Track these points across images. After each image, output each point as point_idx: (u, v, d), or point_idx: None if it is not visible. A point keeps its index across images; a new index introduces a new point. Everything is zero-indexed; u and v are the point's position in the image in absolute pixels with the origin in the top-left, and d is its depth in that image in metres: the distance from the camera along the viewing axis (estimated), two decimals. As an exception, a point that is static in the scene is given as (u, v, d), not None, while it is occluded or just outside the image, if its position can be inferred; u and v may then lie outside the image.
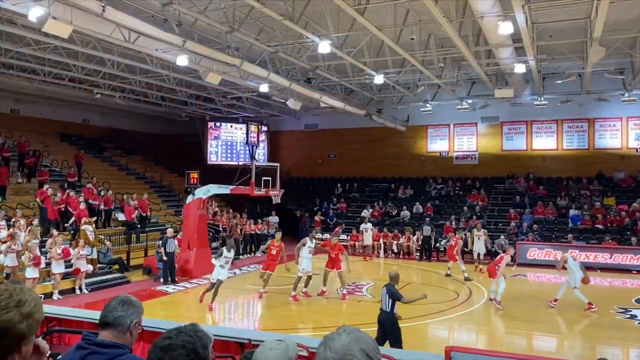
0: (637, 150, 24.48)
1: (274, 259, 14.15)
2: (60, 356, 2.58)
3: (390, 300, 8.50)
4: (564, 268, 13.24)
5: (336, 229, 21.01)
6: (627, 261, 19.19)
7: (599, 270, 18.63)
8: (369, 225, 22.97)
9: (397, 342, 8.22)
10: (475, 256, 19.59)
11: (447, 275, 17.64)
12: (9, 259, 13.29)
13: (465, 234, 19.83)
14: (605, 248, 19.78)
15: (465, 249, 19.85)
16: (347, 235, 23.54)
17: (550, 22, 14.16)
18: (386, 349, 6.31)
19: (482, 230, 20.13)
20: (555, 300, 13.05)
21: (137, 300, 2.54)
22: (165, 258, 15.88)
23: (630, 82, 20.11)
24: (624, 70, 20.68)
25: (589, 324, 12.00)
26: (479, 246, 19.69)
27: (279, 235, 14.86)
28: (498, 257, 14.22)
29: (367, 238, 22.67)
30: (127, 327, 2.42)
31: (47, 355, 1.98)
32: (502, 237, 21.21)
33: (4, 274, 13.32)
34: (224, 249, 13.22)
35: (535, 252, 20.42)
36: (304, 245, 14.26)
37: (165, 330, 2.09)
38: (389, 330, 8.43)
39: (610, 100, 23.02)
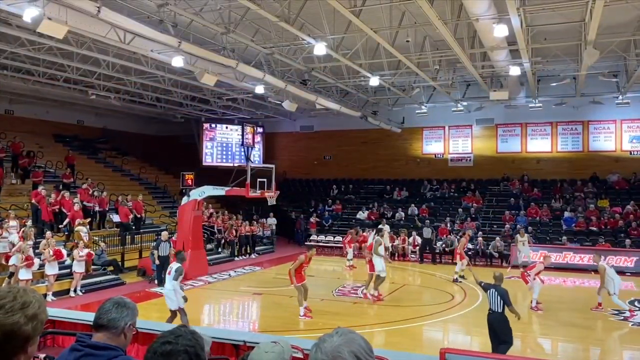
0: (630, 153, 24.61)
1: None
2: (54, 358, 2.57)
3: (502, 301, 8.66)
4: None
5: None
6: (621, 263, 19.25)
7: (592, 272, 18.68)
8: (387, 227, 22.44)
9: (509, 342, 8.52)
10: (520, 261, 19.07)
11: (458, 279, 16.85)
12: (15, 258, 13.35)
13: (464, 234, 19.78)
14: (599, 250, 19.83)
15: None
16: (339, 236, 23.52)
17: (545, 25, 14.23)
18: (381, 350, 6.29)
19: (526, 235, 19.72)
20: (599, 304, 13.04)
21: (132, 302, 2.53)
22: (157, 262, 15.77)
23: (624, 85, 20.22)
24: (618, 73, 20.80)
25: (583, 326, 12.03)
26: (526, 251, 19.27)
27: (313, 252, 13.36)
28: (531, 264, 14.36)
29: (385, 240, 22.21)
30: (122, 329, 2.41)
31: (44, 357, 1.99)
32: (497, 239, 21.26)
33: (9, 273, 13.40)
34: (178, 265, 10.64)
35: (530, 254, 20.44)
36: (379, 245, 14.15)
37: (160, 333, 2.08)
38: (501, 330, 8.58)
39: (605, 102, 23.15)
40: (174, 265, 10.61)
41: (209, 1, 12.75)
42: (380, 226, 19.57)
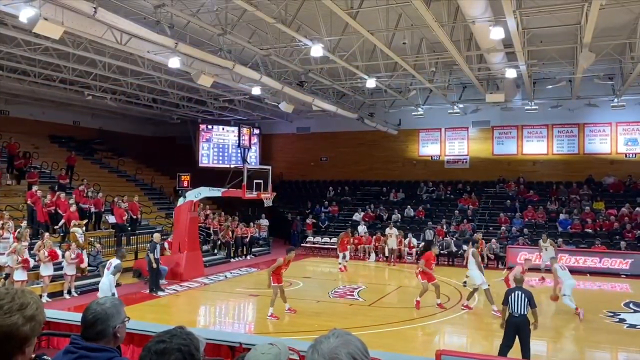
0: (626, 156, 24.71)
1: None
2: (43, 355, 2.55)
3: (529, 304, 8.53)
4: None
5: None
6: (616, 265, 19.33)
7: (588, 275, 18.75)
8: (394, 230, 22.30)
9: (528, 344, 8.48)
10: (543, 266, 18.23)
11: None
12: (11, 259, 13.31)
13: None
14: (595, 252, 19.92)
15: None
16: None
17: (541, 28, 14.28)
18: (377, 352, 6.28)
19: (549, 240, 18.86)
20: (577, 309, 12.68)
21: (114, 299, 2.50)
22: (155, 265, 15.49)
23: (619, 87, 20.30)
24: (614, 76, 20.88)
25: (578, 328, 12.06)
26: (547, 257, 18.07)
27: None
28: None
29: (392, 242, 22.08)
30: (112, 331, 2.40)
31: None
32: (493, 240, 21.31)
33: (4, 275, 13.34)
34: (118, 262, 11.68)
35: (526, 256, 20.48)
36: (476, 256, 13.26)
37: (155, 334, 2.07)
38: (524, 333, 8.46)
39: (600, 105, 23.22)
40: (114, 262, 11.56)
41: (206, 2, 12.76)
42: (475, 235, 18.66)
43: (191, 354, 1.94)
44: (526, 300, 8.55)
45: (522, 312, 8.52)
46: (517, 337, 8.52)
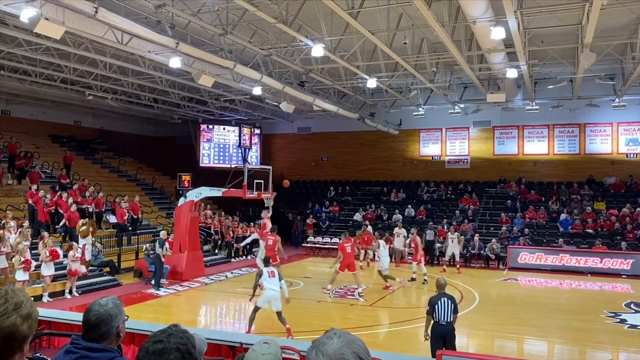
0: (627, 156, 24.68)
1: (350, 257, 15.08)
2: (39, 354, 2.55)
3: (453, 312, 8.03)
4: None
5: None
6: (617, 265, 19.32)
7: (589, 275, 18.75)
8: (403, 230, 22.15)
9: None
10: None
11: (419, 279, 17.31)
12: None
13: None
14: (596, 252, 19.91)
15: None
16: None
17: (542, 28, 14.28)
18: (378, 352, 6.29)
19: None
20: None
21: (115, 299, 2.50)
22: (163, 260, 15.71)
23: (620, 88, 20.30)
24: (615, 76, 20.88)
25: (579, 328, 12.05)
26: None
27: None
28: None
29: (398, 242, 21.89)
30: (115, 331, 2.40)
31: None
32: (493, 240, 21.31)
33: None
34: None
35: (527, 257, 20.52)
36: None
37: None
38: (450, 342, 8.02)
39: (601, 105, 23.20)
40: None
41: (207, 2, 12.76)
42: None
43: (189, 352, 1.94)
44: (452, 308, 8.02)
45: (449, 320, 8.00)
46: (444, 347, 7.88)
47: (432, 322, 8.08)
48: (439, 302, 8.05)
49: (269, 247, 15.46)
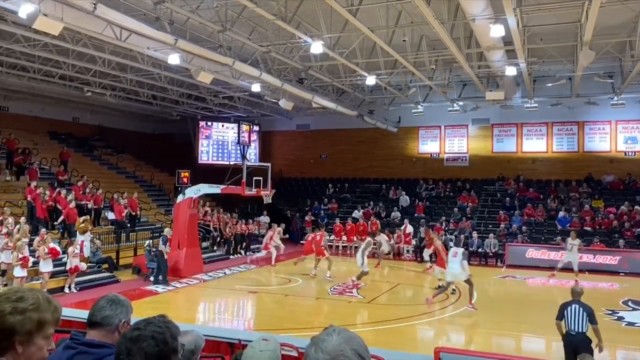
0: (625, 154, 24.72)
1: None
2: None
3: (588, 320, 7.46)
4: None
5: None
6: (615, 263, 19.35)
7: (587, 272, 18.77)
8: (410, 228, 22.34)
9: None
10: (576, 268, 17.48)
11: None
12: (5, 255, 13.33)
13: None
14: (594, 250, 19.93)
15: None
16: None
17: (541, 26, 14.27)
18: (376, 349, 6.30)
19: (578, 239, 17.89)
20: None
21: (126, 299, 2.52)
22: (165, 257, 15.81)
23: (619, 86, 20.31)
24: (613, 75, 20.89)
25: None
26: (571, 257, 17.61)
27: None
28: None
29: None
30: (116, 327, 2.40)
31: None
32: (491, 235, 21.35)
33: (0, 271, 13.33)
34: None
35: (525, 254, 20.54)
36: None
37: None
38: (582, 353, 6.94)
39: (600, 103, 23.22)
40: None
41: (206, -1, 12.73)
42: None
43: (165, 341, 1.94)
44: (585, 316, 7.46)
45: (581, 330, 7.45)
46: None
47: (564, 330, 7.68)
48: (569, 308, 7.61)
49: (317, 243, 17.08)
